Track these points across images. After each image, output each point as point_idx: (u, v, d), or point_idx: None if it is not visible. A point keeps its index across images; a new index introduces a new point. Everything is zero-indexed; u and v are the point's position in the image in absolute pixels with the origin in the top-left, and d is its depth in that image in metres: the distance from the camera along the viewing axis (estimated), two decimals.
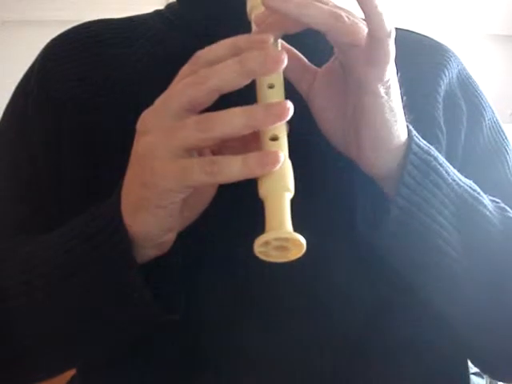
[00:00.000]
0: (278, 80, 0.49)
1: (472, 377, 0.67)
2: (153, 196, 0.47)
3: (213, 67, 0.46)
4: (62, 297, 0.53)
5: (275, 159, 0.44)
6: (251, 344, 0.57)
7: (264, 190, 0.45)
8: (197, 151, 0.49)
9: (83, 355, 0.59)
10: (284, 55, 0.45)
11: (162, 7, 0.71)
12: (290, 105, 0.44)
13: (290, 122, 0.47)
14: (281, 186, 0.45)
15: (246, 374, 0.57)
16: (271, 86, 0.48)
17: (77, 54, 0.65)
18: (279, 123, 0.45)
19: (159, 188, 0.46)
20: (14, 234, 0.62)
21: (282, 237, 0.44)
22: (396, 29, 0.71)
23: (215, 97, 0.46)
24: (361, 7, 0.48)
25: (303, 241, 0.44)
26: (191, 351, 0.57)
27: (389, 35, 0.48)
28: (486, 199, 0.56)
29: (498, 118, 0.71)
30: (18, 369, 0.59)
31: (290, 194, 0.46)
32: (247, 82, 0.46)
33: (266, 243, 0.44)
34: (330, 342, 0.57)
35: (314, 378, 0.57)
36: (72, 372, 0.66)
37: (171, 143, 0.45)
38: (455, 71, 0.68)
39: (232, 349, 0.57)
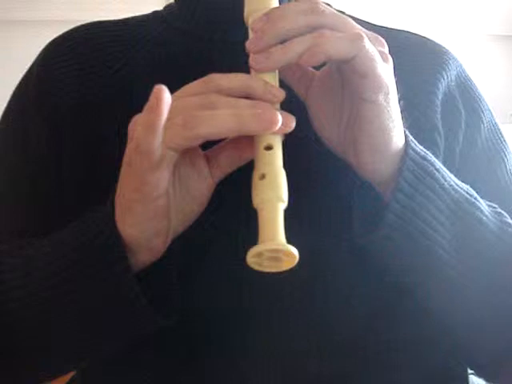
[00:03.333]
0: (272, 79, 0.50)
1: (471, 377, 0.67)
2: (140, 175, 0.47)
3: (209, 113, 0.46)
4: (60, 302, 0.53)
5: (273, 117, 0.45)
6: (250, 344, 0.57)
7: (258, 199, 0.46)
8: (190, 160, 0.49)
9: (82, 357, 0.59)
10: (277, 116, 0.45)
11: (161, 8, 0.71)
12: (279, 117, 0.45)
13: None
14: (274, 196, 0.45)
15: (245, 373, 0.57)
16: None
17: (75, 57, 0.65)
18: (268, 130, 0.46)
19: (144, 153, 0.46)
20: (14, 237, 0.63)
21: (275, 248, 0.44)
22: (395, 30, 0.71)
23: (202, 142, 0.47)
24: (359, 71, 0.48)
25: (296, 252, 0.44)
26: (191, 351, 0.57)
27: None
28: (482, 204, 0.56)
29: (499, 119, 0.71)
30: (17, 370, 0.59)
31: (283, 204, 0.46)
32: (236, 135, 0.47)
33: (259, 254, 0.45)
34: (329, 341, 0.58)
35: (313, 377, 0.57)
36: (72, 372, 0.67)
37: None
38: (454, 74, 0.68)
39: (231, 349, 0.57)
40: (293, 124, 0.47)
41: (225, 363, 0.57)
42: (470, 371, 0.66)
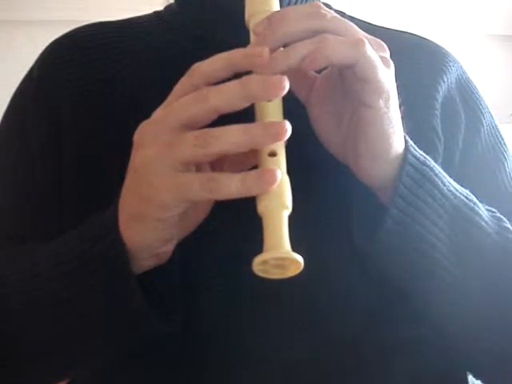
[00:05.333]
0: None
1: (470, 378, 0.67)
2: (150, 209, 0.47)
3: (215, 87, 0.46)
4: (61, 307, 0.53)
5: (273, 178, 0.44)
6: (250, 344, 0.57)
7: (262, 207, 0.46)
8: (195, 166, 0.49)
9: (83, 363, 0.59)
10: (285, 81, 0.45)
11: (162, 7, 0.71)
12: (288, 125, 0.45)
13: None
14: (279, 203, 0.46)
15: (245, 374, 0.57)
16: (269, 99, 0.48)
17: (76, 59, 0.65)
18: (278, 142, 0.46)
19: (157, 202, 0.47)
20: (15, 241, 0.63)
21: (280, 256, 0.44)
22: (396, 31, 0.71)
23: (214, 116, 0.47)
24: (360, 76, 0.48)
25: (301, 259, 0.45)
26: (190, 353, 0.57)
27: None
28: (482, 209, 0.56)
29: (499, 119, 0.71)
30: (16, 375, 0.59)
31: (287, 211, 0.46)
32: (247, 104, 0.46)
33: (265, 262, 0.45)
34: (328, 341, 0.57)
35: (312, 377, 0.57)
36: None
37: (169, 157, 0.46)
38: (454, 76, 0.68)
39: (231, 349, 0.57)
40: (286, 85, 0.46)
41: (224, 363, 0.57)
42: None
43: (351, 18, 0.67)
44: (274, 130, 0.45)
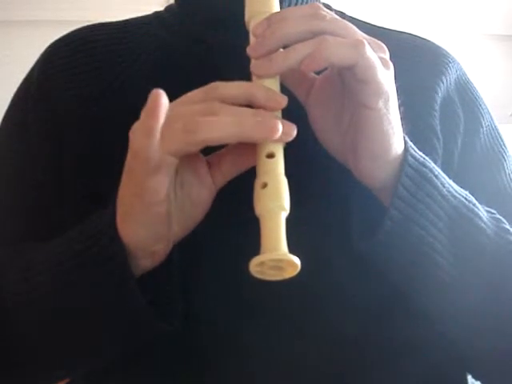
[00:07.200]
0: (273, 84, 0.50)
1: (469, 378, 0.67)
2: (137, 204, 0.48)
3: (210, 119, 0.46)
4: (60, 307, 0.53)
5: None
6: (250, 344, 0.57)
7: (260, 208, 0.46)
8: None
9: (83, 363, 0.59)
10: (279, 125, 0.46)
11: (162, 8, 0.71)
12: (280, 125, 0.45)
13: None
14: (276, 205, 0.46)
15: (245, 373, 0.57)
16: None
17: (76, 61, 0.65)
18: (269, 138, 0.46)
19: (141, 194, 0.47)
20: (14, 241, 0.63)
21: (277, 258, 0.45)
22: (395, 31, 0.71)
23: (202, 147, 0.47)
24: (360, 77, 0.48)
25: (298, 261, 0.45)
26: (191, 352, 0.57)
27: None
28: (481, 210, 0.56)
29: (498, 119, 0.71)
30: (16, 375, 0.59)
31: (285, 212, 0.46)
32: (236, 142, 0.47)
33: (262, 264, 0.45)
34: (329, 342, 0.58)
35: (313, 378, 0.57)
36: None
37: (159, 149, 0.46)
38: (453, 77, 0.67)
39: (231, 349, 0.57)
40: (293, 132, 0.48)
41: (224, 363, 0.57)
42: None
43: (351, 19, 0.67)
44: (266, 126, 0.46)
